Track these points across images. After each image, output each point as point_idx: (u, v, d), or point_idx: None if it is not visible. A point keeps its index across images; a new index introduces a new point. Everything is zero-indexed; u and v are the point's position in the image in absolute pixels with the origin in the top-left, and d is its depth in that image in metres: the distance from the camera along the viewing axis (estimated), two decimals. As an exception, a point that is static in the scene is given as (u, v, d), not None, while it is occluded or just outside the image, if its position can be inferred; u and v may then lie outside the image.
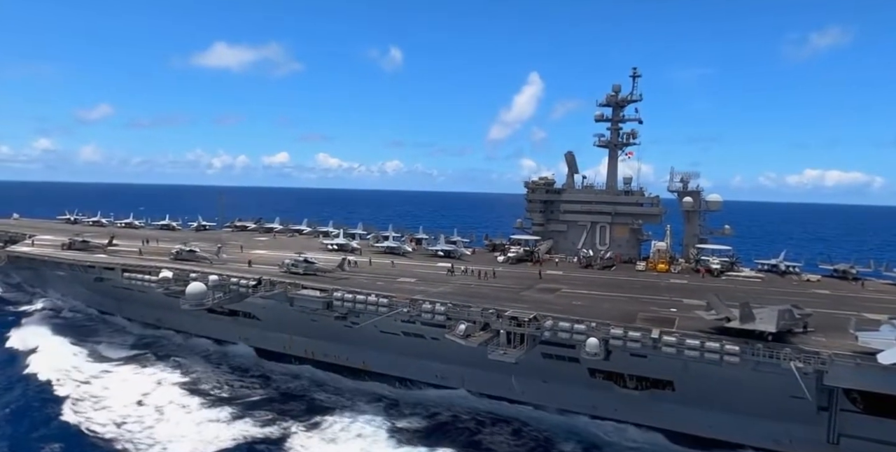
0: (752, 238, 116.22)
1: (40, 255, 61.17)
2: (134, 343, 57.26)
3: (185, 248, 56.93)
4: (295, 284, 44.54)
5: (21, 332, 58.79)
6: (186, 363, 51.20)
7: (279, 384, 47.50)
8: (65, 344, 55.08)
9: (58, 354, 52.10)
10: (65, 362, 50.29)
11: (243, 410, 42.09)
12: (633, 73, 64.56)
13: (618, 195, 64.76)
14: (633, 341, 32.29)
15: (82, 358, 51.87)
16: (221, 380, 47.69)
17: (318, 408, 42.78)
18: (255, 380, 48.17)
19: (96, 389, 45.17)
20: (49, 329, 60.32)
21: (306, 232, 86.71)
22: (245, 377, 48.79)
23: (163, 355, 53.41)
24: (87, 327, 62.84)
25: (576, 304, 40.73)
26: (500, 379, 42.08)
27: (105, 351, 54.51)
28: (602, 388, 38.72)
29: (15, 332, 58.83)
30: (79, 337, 58.07)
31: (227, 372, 49.75)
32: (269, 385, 47.20)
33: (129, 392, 44.67)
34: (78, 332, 59.94)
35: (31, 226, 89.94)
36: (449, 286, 46.87)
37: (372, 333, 43.27)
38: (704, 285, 49.73)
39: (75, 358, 51.82)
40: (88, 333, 60.12)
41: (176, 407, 42.34)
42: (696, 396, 35.65)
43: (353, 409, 42.30)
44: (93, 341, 57.11)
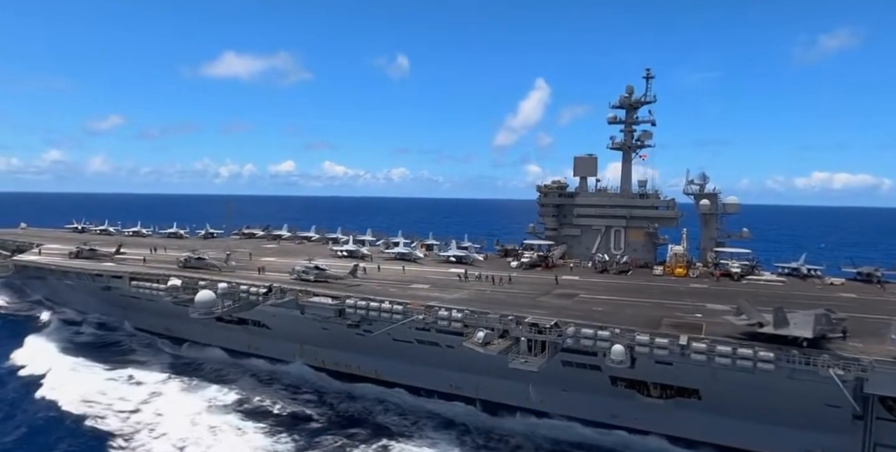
0: (766, 241, 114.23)
1: (47, 264, 60.51)
2: (171, 362, 53.62)
3: (193, 256, 56.07)
4: (306, 291, 43.48)
5: (40, 352, 54.99)
6: (234, 381, 48.70)
7: (335, 402, 44.88)
8: (93, 367, 51.68)
9: (89, 379, 48.77)
10: (100, 388, 46.86)
11: (305, 434, 39.69)
12: (647, 75, 63.41)
13: (633, 198, 63.44)
14: (661, 348, 30.97)
15: (122, 383, 48.27)
16: (274, 400, 45.17)
17: (383, 433, 39.88)
18: (310, 399, 45.55)
19: (148, 416, 42.07)
20: (70, 348, 56.77)
21: (315, 238, 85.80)
22: (297, 394, 46.35)
23: (206, 373, 50.91)
24: (112, 344, 59.18)
25: (596, 310, 39.43)
26: (516, 388, 40.85)
27: (141, 371, 51.07)
28: (624, 397, 37.36)
29: (35, 353, 54.97)
30: (106, 356, 54.78)
31: (279, 389, 47.29)
32: (325, 404, 44.67)
33: (182, 417, 41.89)
34: (104, 351, 56.51)
35: (38, 235, 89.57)
36: (463, 292, 45.69)
37: (385, 341, 42.13)
38: (727, 289, 48.34)
39: (113, 383, 48.22)
40: (118, 352, 56.70)
41: (232, 431, 39.98)
42: (723, 404, 34.27)
43: (422, 437, 39.20)
44: (124, 361, 53.73)
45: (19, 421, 41.51)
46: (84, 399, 44.46)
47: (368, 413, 43.01)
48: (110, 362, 53.13)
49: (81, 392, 45.41)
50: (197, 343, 56.29)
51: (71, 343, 58.60)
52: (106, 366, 51.93)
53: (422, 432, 39.90)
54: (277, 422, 41.49)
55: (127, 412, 42.71)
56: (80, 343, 59.08)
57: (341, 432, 39.99)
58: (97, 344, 59.08)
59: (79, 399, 44.40)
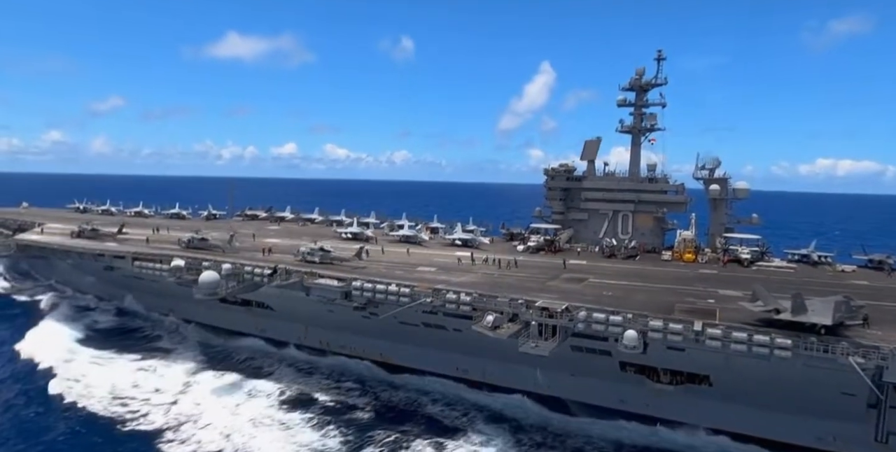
0: (771, 227, 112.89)
1: (49, 243, 59.94)
2: (200, 350, 51.25)
3: (196, 236, 55.44)
4: (312, 273, 42.90)
5: (57, 341, 52.20)
6: (271, 372, 46.96)
7: (378, 391, 43.35)
8: (118, 357, 49.35)
9: (115, 371, 46.43)
10: (131, 379, 44.63)
11: (353, 427, 37.89)
12: (658, 56, 62.07)
13: (641, 182, 62.49)
14: (674, 334, 30.43)
15: (151, 374, 45.99)
16: (316, 390, 43.38)
17: (435, 426, 38.06)
18: (352, 388, 43.89)
19: (187, 407, 40.21)
20: (89, 336, 54.50)
21: (318, 221, 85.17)
22: (340, 383, 44.64)
23: (240, 362, 48.85)
24: (133, 330, 56.98)
25: (607, 295, 38.84)
26: (524, 372, 40.42)
27: (170, 361, 48.73)
28: (633, 382, 36.92)
29: (51, 342, 51.87)
30: (128, 344, 52.47)
31: (321, 379, 45.45)
32: (368, 394, 43.06)
33: (222, 409, 39.97)
34: (126, 339, 54.18)
35: (40, 214, 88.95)
36: (471, 275, 45.07)
37: (391, 324, 41.65)
38: (738, 275, 47.77)
39: (143, 373, 45.92)
40: (141, 339, 54.56)
41: (277, 425, 38.11)
42: (735, 392, 33.77)
43: (475, 432, 37.24)
44: (149, 348, 51.74)
45: (51, 423, 38.47)
46: (115, 394, 42.02)
47: (415, 404, 41.38)
48: (134, 350, 51.01)
49: (112, 386, 43.13)
50: (200, 323, 55.94)
51: (91, 330, 56.38)
52: (131, 355, 49.73)
53: (473, 425, 38.19)
54: (323, 414, 39.71)
55: (167, 404, 40.60)
56: (99, 330, 56.96)
57: (391, 426, 38.18)
58: (116, 331, 56.94)
59: (110, 394, 41.94)
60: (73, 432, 37.29)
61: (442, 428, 37.87)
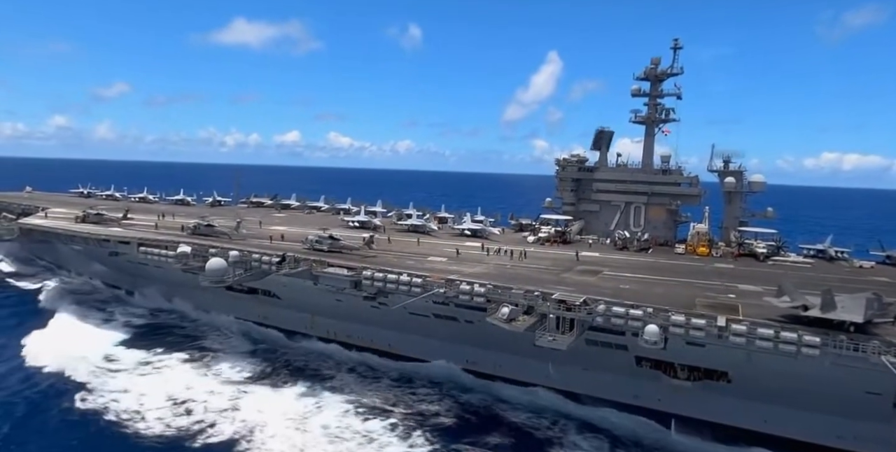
0: (788, 222, 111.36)
1: (53, 228, 59.13)
2: (250, 350, 48.31)
3: (202, 223, 54.59)
4: (321, 261, 42.01)
5: (88, 339, 48.79)
6: (331, 375, 43.39)
7: (458, 396, 40.41)
8: (166, 357, 45.96)
9: (166, 373, 43.18)
10: (186, 382, 41.48)
11: (438, 438, 35.04)
12: (675, 45, 60.53)
13: (655, 174, 61.34)
14: (697, 329, 29.51)
15: (211, 380, 42.15)
16: (386, 396, 40.20)
17: (527, 440, 35.52)
18: (429, 394, 40.69)
19: (251, 414, 36.90)
20: (127, 333, 51.31)
21: (324, 209, 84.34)
22: (412, 388, 41.58)
23: (296, 365, 45.41)
24: (172, 327, 53.48)
25: (624, 288, 37.88)
26: (535, 366, 39.71)
27: (224, 364, 44.87)
28: (648, 378, 36.15)
29: (83, 339, 48.50)
30: (171, 343, 49.12)
31: (391, 385, 42.06)
32: (445, 399, 40.11)
33: (286, 418, 36.69)
34: (167, 337, 50.77)
35: (43, 199, 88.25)
36: (483, 266, 44.15)
37: (401, 314, 40.86)
38: (756, 270, 46.84)
39: (205, 379, 42.32)
40: (182, 337, 51.11)
41: (352, 434, 35.15)
42: (754, 389, 32.99)
43: (572, 446, 34.82)
44: (193, 347, 48.31)
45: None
46: (174, 397, 38.99)
47: (496, 410, 38.96)
48: (177, 349, 47.85)
49: (168, 390, 39.83)
50: (205, 311, 55.26)
51: (127, 326, 53.15)
52: (178, 355, 46.48)
53: (566, 436, 35.96)
54: (400, 423, 36.64)
55: (228, 410, 37.37)
56: (137, 326, 53.60)
57: (480, 438, 35.33)
58: (154, 328, 53.45)
59: (168, 399, 38.66)
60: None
61: (535, 443, 35.51)
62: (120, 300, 61.28)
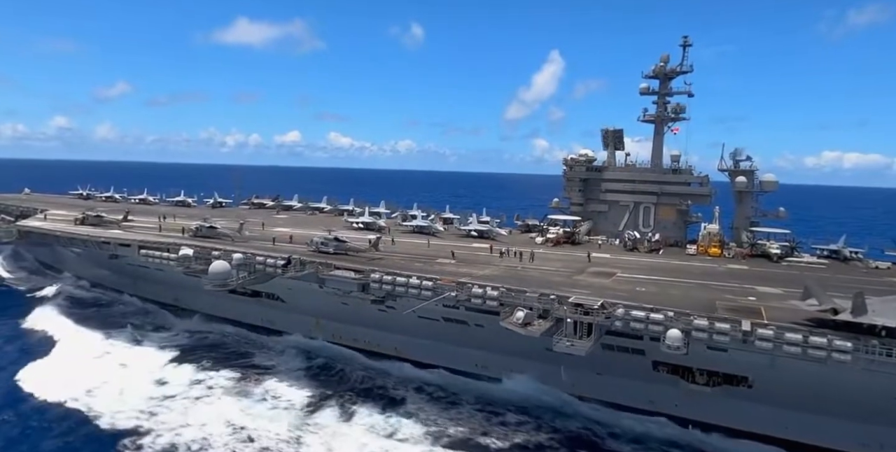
0: (801, 222, 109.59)
1: (52, 230, 58.05)
2: (304, 367, 44.37)
3: (205, 225, 53.50)
4: (327, 264, 40.92)
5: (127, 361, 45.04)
6: (402, 398, 39.37)
7: (554, 424, 36.35)
8: (212, 377, 42.16)
9: (218, 398, 39.23)
10: (242, 406, 37.82)
11: None
12: (684, 43, 59.46)
13: (664, 174, 60.26)
14: (721, 333, 28.45)
15: (268, 405, 38.11)
16: (477, 427, 35.86)
17: None
18: (523, 422, 36.64)
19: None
20: (170, 351, 47.17)
21: (327, 210, 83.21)
22: (497, 414, 37.43)
23: (363, 388, 40.90)
24: (217, 346, 48.77)
25: (640, 291, 36.83)
26: (547, 370, 38.62)
27: (280, 385, 40.87)
28: (665, 383, 35.07)
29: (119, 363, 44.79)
30: (217, 362, 44.70)
31: (473, 411, 37.71)
32: (544, 429, 35.88)
33: None
34: (213, 354, 46.45)
35: (42, 200, 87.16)
36: (493, 268, 43.08)
37: (409, 318, 39.78)
38: (771, 272, 45.91)
39: (263, 404, 38.15)
40: (228, 356, 46.63)
41: None
42: (776, 394, 31.94)
43: None
44: (245, 366, 44.21)
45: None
46: (232, 422, 35.64)
47: (595, 437, 35.69)
48: (224, 365, 43.96)
49: (227, 416, 36.18)
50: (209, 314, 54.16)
51: (168, 343, 49.03)
52: (226, 373, 42.62)
53: None
54: None
55: (291, 442, 33.64)
56: (179, 345, 48.80)
57: None
58: (194, 342, 49.50)
59: (228, 427, 35.10)
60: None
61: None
62: (104, 299, 60.33)
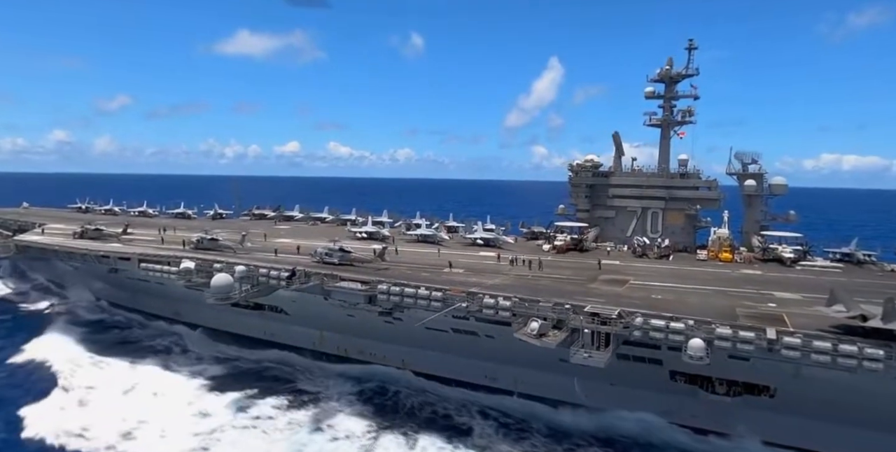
0: (801, 225, 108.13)
1: (51, 245, 56.94)
2: (357, 389, 41.96)
3: (206, 237, 52.40)
4: (332, 275, 39.83)
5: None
6: (470, 426, 36.83)
7: None
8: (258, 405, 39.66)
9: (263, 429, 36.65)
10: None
11: None
12: (689, 46, 58.91)
13: (672, 178, 59.41)
14: (745, 342, 27.35)
15: (327, 435, 35.76)
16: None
17: None
18: None
19: None
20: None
21: (329, 220, 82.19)
22: (579, 445, 34.88)
23: (425, 416, 38.36)
24: (254, 373, 45.69)
25: (656, 298, 35.74)
26: (559, 381, 37.57)
27: (338, 414, 38.24)
28: (682, 393, 34.02)
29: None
30: (261, 391, 41.74)
31: (546, 443, 35.14)
32: None
33: None
34: (250, 383, 43.27)
35: (41, 214, 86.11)
36: (503, 277, 41.97)
37: (417, 330, 38.71)
38: (787, 276, 44.95)
39: (321, 435, 35.86)
40: (280, 381, 43.92)
41: None
42: (800, 403, 30.87)
43: None
44: (296, 391, 41.85)
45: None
46: None
47: None
48: (269, 392, 41.33)
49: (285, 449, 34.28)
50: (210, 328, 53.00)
51: (198, 368, 46.48)
52: (273, 401, 39.99)
53: None
54: None
55: None
56: (212, 370, 45.88)
57: None
58: (237, 373, 45.70)
59: None
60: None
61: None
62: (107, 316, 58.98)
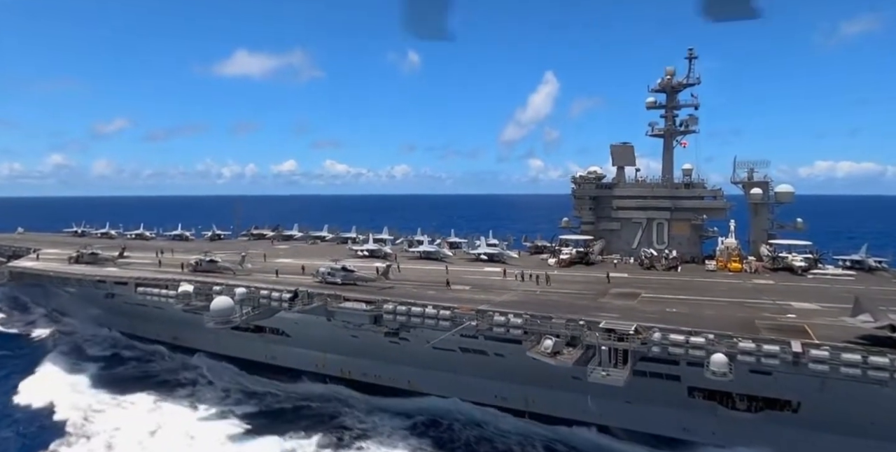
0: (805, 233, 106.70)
1: (45, 271, 55.70)
2: (408, 424, 39.30)
3: (204, 259, 51.26)
4: (335, 296, 38.67)
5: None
6: None
7: None
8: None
9: None
10: None
11: None
12: (690, 55, 58.73)
13: (677, 188, 58.67)
14: (770, 356, 26.23)
15: None
16: None
17: None
18: None
19: None
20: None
21: (329, 238, 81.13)
22: None
23: None
24: (276, 414, 42.14)
25: (671, 312, 34.63)
26: (571, 399, 36.26)
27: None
28: (701, 409, 32.81)
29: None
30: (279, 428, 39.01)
31: None
32: None
33: None
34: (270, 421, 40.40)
35: (36, 239, 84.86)
36: (512, 294, 40.82)
37: (424, 350, 37.50)
38: (801, 286, 43.98)
39: None
40: (318, 417, 41.05)
41: None
42: (827, 418, 29.62)
43: None
44: (340, 427, 39.10)
45: None
46: None
47: None
48: (310, 429, 38.58)
49: None
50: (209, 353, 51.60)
51: (228, 404, 43.34)
52: (317, 439, 37.28)
53: None
54: None
55: None
56: (243, 407, 42.97)
57: None
58: (274, 410, 42.69)
59: None
60: None
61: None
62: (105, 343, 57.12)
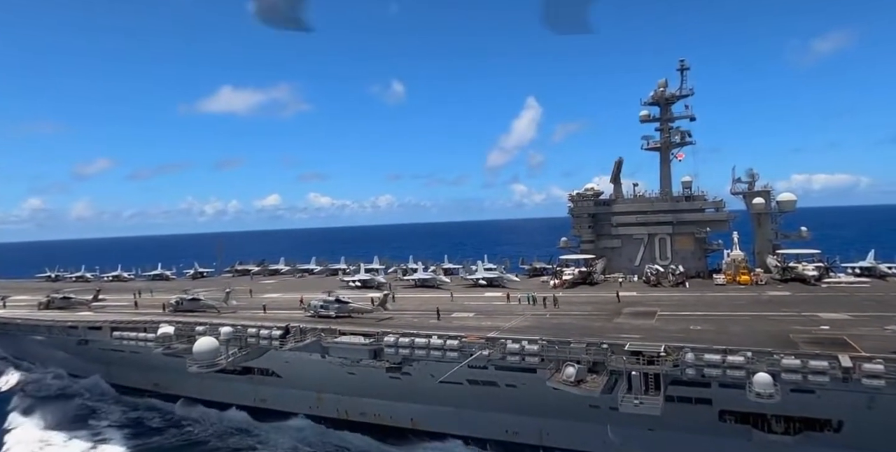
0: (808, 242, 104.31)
1: (12, 318, 51.75)
2: None
3: (185, 297, 47.82)
4: (330, 330, 35.62)
5: None
6: None
7: None
8: None
9: None
10: None
11: None
12: (681, 66, 58.02)
13: (677, 201, 56.97)
14: (818, 373, 23.74)
15: None
16: None
17: None
18: None
19: None
20: None
21: (317, 271, 77.98)
22: None
23: None
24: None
25: (695, 329, 32.14)
26: (589, 430, 33.27)
27: None
28: (734, 434, 30.00)
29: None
30: None
31: None
32: None
33: None
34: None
35: (5, 286, 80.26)
36: (520, 319, 38.08)
37: (428, 384, 34.47)
38: (818, 296, 41.87)
39: None
40: None
41: None
42: (870, 437, 27.07)
43: None
44: None
45: None
46: None
47: None
48: None
49: None
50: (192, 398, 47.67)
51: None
52: None
53: None
54: None
55: None
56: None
57: None
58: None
59: None
60: None
61: None
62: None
